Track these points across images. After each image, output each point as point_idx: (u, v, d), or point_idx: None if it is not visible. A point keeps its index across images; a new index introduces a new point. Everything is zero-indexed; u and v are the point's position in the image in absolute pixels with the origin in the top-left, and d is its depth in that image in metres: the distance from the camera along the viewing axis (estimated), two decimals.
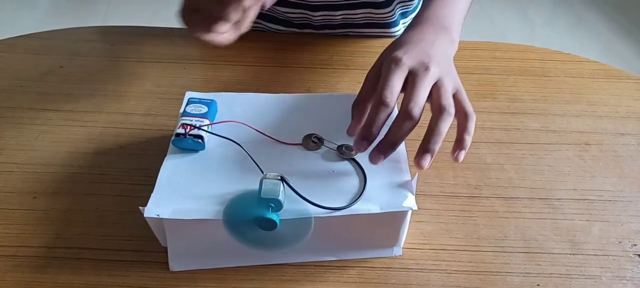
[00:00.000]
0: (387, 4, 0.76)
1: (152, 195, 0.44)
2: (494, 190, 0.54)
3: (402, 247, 0.48)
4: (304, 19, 0.78)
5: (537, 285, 0.46)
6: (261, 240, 0.44)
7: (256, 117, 0.52)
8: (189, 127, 0.48)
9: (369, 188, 0.45)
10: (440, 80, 0.48)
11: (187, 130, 0.48)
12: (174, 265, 0.46)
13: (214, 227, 0.43)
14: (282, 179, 0.42)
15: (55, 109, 0.62)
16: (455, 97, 0.49)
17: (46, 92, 0.65)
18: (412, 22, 0.56)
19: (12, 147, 0.57)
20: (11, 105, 0.63)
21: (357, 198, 0.44)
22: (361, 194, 0.45)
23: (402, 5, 0.79)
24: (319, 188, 0.45)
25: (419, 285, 0.45)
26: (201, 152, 0.49)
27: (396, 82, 0.47)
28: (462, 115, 0.48)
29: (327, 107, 0.53)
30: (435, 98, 0.47)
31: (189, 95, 0.53)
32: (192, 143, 0.48)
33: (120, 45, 0.73)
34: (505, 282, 0.46)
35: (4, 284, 0.44)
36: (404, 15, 0.82)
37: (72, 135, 0.59)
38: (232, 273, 0.46)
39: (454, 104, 0.49)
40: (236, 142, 0.48)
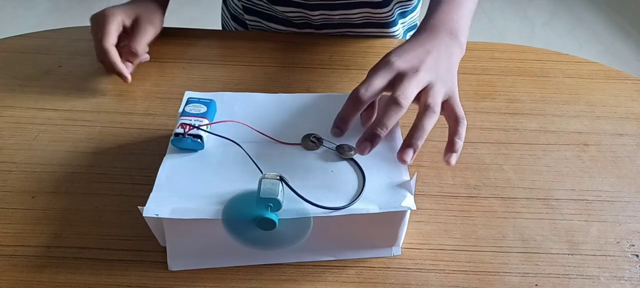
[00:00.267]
0: (386, 4, 0.76)
1: (151, 194, 0.44)
2: (492, 190, 0.54)
3: (401, 247, 0.48)
4: (304, 19, 0.79)
5: (536, 285, 0.46)
6: (260, 240, 0.44)
7: (255, 117, 0.52)
8: (188, 126, 0.48)
9: (368, 188, 0.45)
10: (430, 85, 0.49)
11: (186, 130, 0.48)
12: (172, 265, 0.46)
13: (213, 226, 0.43)
14: (281, 179, 0.43)
15: (54, 108, 0.62)
16: (446, 102, 0.50)
17: (45, 92, 0.65)
18: (418, 28, 0.56)
19: (11, 146, 0.57)
20: (10, 104, 0.63)
21: (356, 198, 0.44)
22: (360, 194, 0.45)
23: (401, 5, 0.79)
24: (317, 188, 0.45)
25: (417, 285, 0.45)
26: (200, 151, 0.49)
27: (377, 82, 0.48)
28: (452, 119, 0.49)
29: (326, 107, 0.53)
30: (422, 99, 0.48)
31: (188, 94, 0.53)
32: (191, 143, 0.48)
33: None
34: (503, 282, 0.46)
35: (2, 283, 0.44)
36: (403, 15, 0.82)
37: (71, 134, 0.59)
38: (231, 272, 0.46)
39: (445, 109, 0.50)
40: (235, 142, 0.48)
